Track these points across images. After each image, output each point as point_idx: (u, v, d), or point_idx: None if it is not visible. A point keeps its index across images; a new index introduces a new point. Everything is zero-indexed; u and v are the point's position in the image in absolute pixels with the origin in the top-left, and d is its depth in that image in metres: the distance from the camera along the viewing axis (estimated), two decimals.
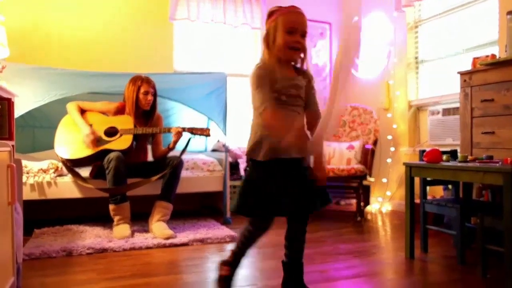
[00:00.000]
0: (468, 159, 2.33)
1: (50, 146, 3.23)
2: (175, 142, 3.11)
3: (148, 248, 2.64)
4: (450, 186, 3.07)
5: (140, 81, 3.10)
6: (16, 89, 2.78)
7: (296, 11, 1.69)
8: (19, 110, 2.95)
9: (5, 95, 2.50)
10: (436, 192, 3.52)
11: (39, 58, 3.70)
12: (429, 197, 3.00)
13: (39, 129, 3.63)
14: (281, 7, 1.70)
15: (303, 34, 1.67)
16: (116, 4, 4.08)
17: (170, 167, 3.00)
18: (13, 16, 3.61)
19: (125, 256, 2.48)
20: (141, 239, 2.77)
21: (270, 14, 1.71)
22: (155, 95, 3.18)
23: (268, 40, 1.69)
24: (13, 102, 2.55)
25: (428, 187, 2.81)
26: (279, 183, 1.63)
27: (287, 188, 1.63)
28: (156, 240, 2.75)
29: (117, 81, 3.35)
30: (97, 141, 3.03)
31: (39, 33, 3.81)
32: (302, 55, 1.72)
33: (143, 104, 3.11)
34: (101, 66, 3.77)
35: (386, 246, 2.82)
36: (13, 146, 2.23)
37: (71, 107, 3.13)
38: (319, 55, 5.03)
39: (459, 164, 2.22)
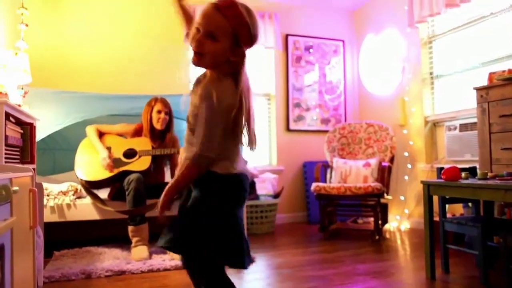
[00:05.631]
0: (488, 176, 2.28)
1: (69, 168, 3.29)
2: None
3: (166, 270, 2.64)
4: (470, 204, 3.01)
5: (155, 101, 3.17)
6: (37, 113, 2.86)
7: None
8: (40, 133, 3.03)
9: (27, 120, 2.57)
10: (456, 209, 3.45)
11: (60, 82, 3.79)
12: (448, 215, 2.94)
13: (59, 152, 3.71)
14: None
15: (204, 33, 1.30)
16: (133, 29, 4.19)
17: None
18: (35, 43, 3.72)
19: (143, 278, 2.49)
20: (159, 261, 2.78)
21: None
22: (170, 115, 3.22)
23: None
24: (35, 127, 2.62)
25: (447, 205, 2.75)
26: None
27: None
28: (173, 261, 2.74)
29: (135, 103, 3.42)
30: (114, 163, 3.08)
31: (60, 58, 3.91)
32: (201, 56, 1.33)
33: (156, 123, 3.15)
34: (119, 89, 3.85)
35: (406, 266, 2.77)
36: (34, 169, 2.29)
37: (90, 131, 3.19)
38: (333, 72, 5.04)
39: (479, 182, 2.17)
